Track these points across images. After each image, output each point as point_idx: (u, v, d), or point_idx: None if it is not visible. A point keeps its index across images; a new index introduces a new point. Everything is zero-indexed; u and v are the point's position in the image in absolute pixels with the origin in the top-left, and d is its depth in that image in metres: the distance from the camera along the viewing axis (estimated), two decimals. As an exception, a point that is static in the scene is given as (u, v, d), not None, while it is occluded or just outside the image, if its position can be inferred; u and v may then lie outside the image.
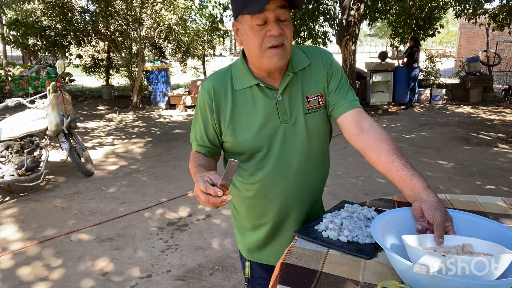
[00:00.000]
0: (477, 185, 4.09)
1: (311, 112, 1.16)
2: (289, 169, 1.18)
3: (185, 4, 9.03)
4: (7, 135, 3.85)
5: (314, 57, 1.18)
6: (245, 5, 1.00)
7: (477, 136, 6.30)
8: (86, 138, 6.43)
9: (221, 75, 1.17)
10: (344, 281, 0.88)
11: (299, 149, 1.17)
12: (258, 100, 1.13)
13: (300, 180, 1.21)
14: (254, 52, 1.06)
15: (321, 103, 1.17)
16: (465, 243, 0.89)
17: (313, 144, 1.19)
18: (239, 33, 1.09)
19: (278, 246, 1.27)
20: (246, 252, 1.33)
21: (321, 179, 1.30)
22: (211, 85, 1.15)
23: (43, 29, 9.45)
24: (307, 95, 1.15)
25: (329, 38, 10.45)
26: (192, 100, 9.41)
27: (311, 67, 1.17)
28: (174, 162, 5.09)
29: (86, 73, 11.20)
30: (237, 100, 1.14)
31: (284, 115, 1.14)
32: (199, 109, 1.20)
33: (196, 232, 3.19)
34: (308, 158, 1.20)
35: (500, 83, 11.35)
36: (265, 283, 1.26)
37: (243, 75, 1.14)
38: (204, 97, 1.16)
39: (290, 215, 1.25)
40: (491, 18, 8.41)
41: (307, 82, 1.16)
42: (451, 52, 23.63)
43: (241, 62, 1.16)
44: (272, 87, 1.13)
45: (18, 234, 3.19)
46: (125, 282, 2.52)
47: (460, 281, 0.76)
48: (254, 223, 1.28)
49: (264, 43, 1.03)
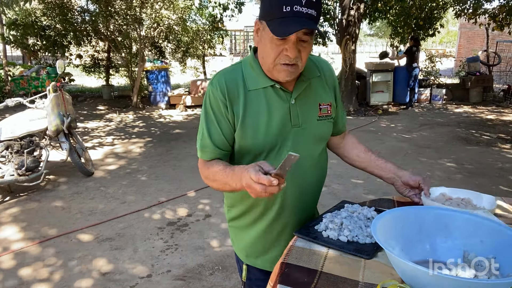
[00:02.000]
0: (477, 185, 4.09)
1: (321, 119, 1.19)
2: (295, 172, 1.16)
3: (185, 4, 9.02)
4: (7, 135, 3.85)
5: (324, 69, 1.23)
6: (272, 16, 0.99)
7: (477, 136, 6.30)
8: (86, 138, 6.43)
9: (231, 73, 1.14)
10: (344, 281, 0.88)
11: (306, 154, 1.16)
12: (273, 101, 1.12)
13: (302, 183, 1.21)
14: (267, 61, 1.07)
15: (330, 112, 1.20)
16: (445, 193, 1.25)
17: (318, 150, 1.22)
18: (259, 35, 1.08)
19: (274, 252, 1.25)
20: (244, 256, 1.31)
21: (320, 183, 1.31)
22: (224, 82, 1.11)
23: (42, 29, 9.44)
24: (319, 102, 1.18)
25: (329, 38, 10.45)
26: (192, 100, 9.40)
27: (321, 77, 1.21)
28: (174, 162, 5.09)
29: (86, 73, 11.19)
30: (250, 100, 1.11)
31: (295, 119, 1.14)
32: (211, 110, 1.12)
33: (196, 232, 3.19)
34: (313, 163, 1.21)
35: (500, 83, 11.35)
36: (263, 285, 1.24)
37: (257, 76, 1.12)
38: (216, 95, 1.11)
39: (289, 215, 1.24)
40: (491, 18, 8.41)
41: (319, 90, 1.19)
42: (451, 52, 23.62)
43: (253, 61, 1.14)
44: (287, 90, 1.13)
45: (18, 234, 3.19)
46: (125, 282, 2.52)
47: (460, 280, 0.76)
48: (252, 219, 1.26)
49: (279, 58, 1.03)
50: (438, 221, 0.99)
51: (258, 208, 1.23)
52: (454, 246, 0.97)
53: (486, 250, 0.91)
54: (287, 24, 0.96)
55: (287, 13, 0.96)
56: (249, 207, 1.24)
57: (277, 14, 0.97)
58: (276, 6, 0.98)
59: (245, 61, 1.17)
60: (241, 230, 1.31)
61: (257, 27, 1.08)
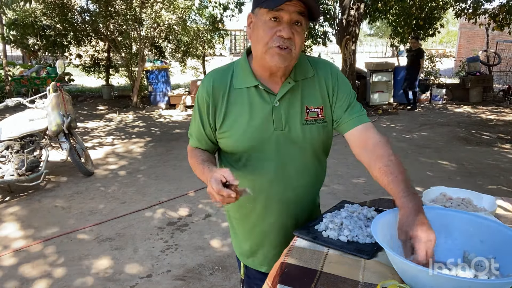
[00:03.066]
0: (477, 185, 4.09)
1: (309, 123, 1.14)
2: (282, 176, 1.17)
3: (185, 4, 9.01)
4: (7, 135, 3.84)
5: (320, 70, 1.17)
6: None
7: (477, 136, 6.30)
8: (86, 138, 6.43)
9: (222, 72, 1.17)
10: (344, 281, 0.88)
11: (293, 158, 1.16)
12: (255, 102, 1.12)
13: (287, 188, 1.19)
14: (260, 47, 1.05)
15: (320, 116, 1.15)
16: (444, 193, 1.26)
17: (308, 155, 1.18)
18: (251, 26, 1.08)
19: (267, 253, 1.27)
20: (240, 256, 1.35)
21: (313, 189, 1.28)
22: (211, 82, 1.14)
23: (42, 28, 9.44)
24: (307, 106, 1.14)
25: (329, 38, 10.45)
26: (192, 100, 9.40)
27: (314, 78, 1.15)
28: (174, 162, 5.09)
29: (86, 73, 11.19)
30: (233, 99, 1.13)
31: (278, 122, 1.12)
32: (197, 105, 1.20)
33: (196, 232, 3.19)
34: (300, 168, 1.18)
35: (500, 83, 11.35)
36: (261, 284, 1.22)
37: (244, 75, 1.13)
38: (202, 93, 1.16)
39: (274, 220, 1.23)
40: (491, 18, 8.40)
41: (308, 92, 1.14)
42: (451, 52, 23.61)
43: (244, 61, 1.15)
44: (271, 92, 1.12)
45: (18, 234, 3.19)
46: (125, 282, 2.52)
47: (460, 280, 0.76)
48: (245, 226, 1.29)
49: (272, 41, 1.02)
50: (438, 221, 0.99)
51: (242, 210, 1.26)
52: (454, 246, 0.97)
53: (486, 250, 0.91)
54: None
55: None
56: (240, 207, 1.26)
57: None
58: None
59: (237, 61, 1.18)
60: (233, 228, 1.35)
61: (250, 21, 1.09)
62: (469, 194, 1.27)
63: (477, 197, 1.25)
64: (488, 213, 1.11)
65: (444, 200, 1.25)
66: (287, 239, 1.18)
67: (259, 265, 1.29)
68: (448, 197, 1.27)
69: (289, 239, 1.15)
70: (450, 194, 1.28)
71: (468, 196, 1.26)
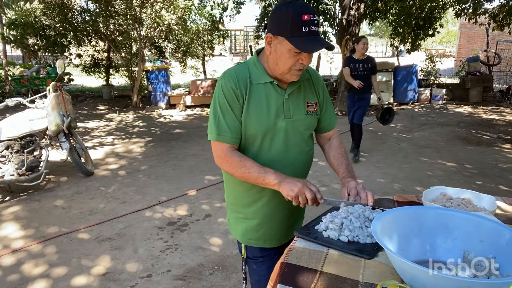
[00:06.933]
0: (477, 185, 4.09)
1: (309, 114, 1.42)
2: (286, 154, 1.39)
3: (185, 4, 9.01)
4: (7, 135, 3.84)
5: (312, 75, 1.47)
6: (292, 34, 1.20)
7: (477, 136, 6.30)
8: (86, 138, 6.43)
9: (241, 69, 1.36)
10: (344, 281, 0.89)
11: (296, 141, 1.41)
12: (271, 95, 1.35)
13: (292, 164, 1.41)
14: (283, 68, 1.28)
15: (315, 109, 1.44)
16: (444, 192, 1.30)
17: (305, 138, 1.45)
18: (272, 46, 1.28)
19: (270, 229, 1.45)
20: (241, 237, 1.49)
21: (307, 166, 1.52)
22: (235, 75, 1.32)
23: (42, 28, 9.44)
24: (307, 101, 1.42)
25: (329, 38, 10.44)
26: (192, 100, 9.40)
27: (310, 80, 1.45)
28: (174, 162, 5.09)
29: (86, 72, 11.19)
30: (253, 92, 1.33)
31: (288, 111, 1.36)
32: (224, 99, 1.31)
33: (196, 232, 3.19)
34: (300, 149, 1.43)
35: (500, 83, 11.35)
36: (262, 261, 1.48)
37: (259, 73, 1.35)
38: (229, 86, 1.30)
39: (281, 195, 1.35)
40: (491, 18, 8.40)
41: (307, 90, 1.44)
42: (451, 52, 23.59)
43: (256, 61, 1.37)
44: (282, 87, 1.37)
45: (18, 233, 3.19)
46: (125, 282, 2.52)
47: (460, 280, 0.76)
48: (252, 197, 1.43)
49: (294, 66, 1.27)
50: (438, 221, 0.99)
51: (255, 189, 1.41)
52: (454, 246, 0.97)
53: (486, 250, 0.91)
54: (311, 42, 1.21)
55: (306, 33, 1.19)
56: (251, 193, 1.43)
57: (298, 33, 1.20)
58: (297, 26, 1.19)
59: (249, 61, 1.40)
60: (241, 208, 1.48)
61: (270, 40, 1.28)
62: (469, 194, 1.27)
63: (477, 197, 1.25)
64: (488, 213, 1.11)
65: (444, 200, 1.25)
66: (291, 213, 1.47)
67: (262, 242, 1.46)
68: (448, 197, 1.27)
69: (290, 213, 1.47)
70: (450, 194, 1.29)
71: (468, 196, 1.26)
